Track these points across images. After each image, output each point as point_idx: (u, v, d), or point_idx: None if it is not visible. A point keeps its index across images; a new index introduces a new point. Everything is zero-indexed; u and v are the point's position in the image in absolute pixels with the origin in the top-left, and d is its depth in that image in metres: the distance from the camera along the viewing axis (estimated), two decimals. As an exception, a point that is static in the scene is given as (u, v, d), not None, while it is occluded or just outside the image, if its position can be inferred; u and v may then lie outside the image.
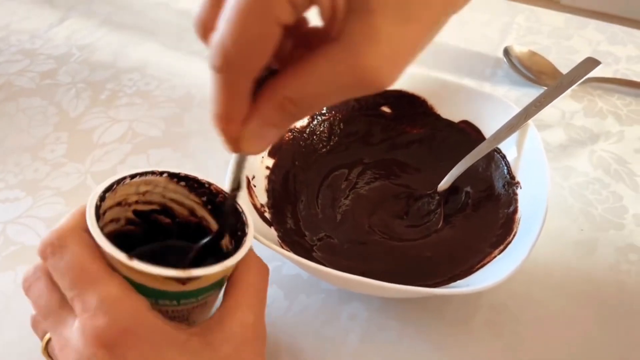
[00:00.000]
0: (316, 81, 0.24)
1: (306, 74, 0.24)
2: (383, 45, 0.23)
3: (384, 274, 0.41)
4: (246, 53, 0.23)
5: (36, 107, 0.58)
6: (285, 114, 0.25)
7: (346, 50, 0.23)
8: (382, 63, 0.23)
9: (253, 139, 0.26)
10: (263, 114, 0.26)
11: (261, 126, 0.26)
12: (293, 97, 0.25)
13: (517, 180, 0.43)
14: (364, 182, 0.48)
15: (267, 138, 0.27)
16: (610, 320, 0.41)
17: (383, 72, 0.23)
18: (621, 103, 0.58)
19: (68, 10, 0.70)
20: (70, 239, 0.29)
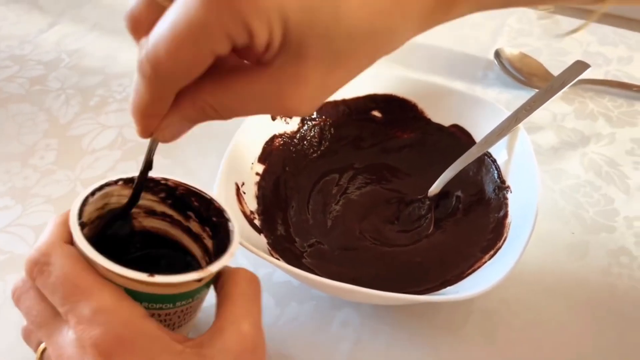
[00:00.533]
0: (240, 99, 0.26)
1: (232, 89, 0.26)
2: (308, 89, 0.25)
3: (375, 280, 0.41)
4: (176, 70, 0.24)
5: (26, 113, 0.57)
6: (204, 115, 0.27)
7: (274, 84, 0.25)
8: (304, 103, 0.26)
9: (167, 130, 0.28)
10: (183, 111, 0.27)
11: (179, 121, 0.27)
12: (215, 105, 0.26)
13: (507, 185, 0.43)
14: (354, 187, 0.48)
15: (181, 130, 0.28)
16: (602, 323, 0.41)
17: (302, 109, 0.26)
18: (612, 105, 0.58)
19: (57, 16, 0.70)
20: (54, 255, 0.29)
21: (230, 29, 0.23)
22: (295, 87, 0.25)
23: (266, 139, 0.47)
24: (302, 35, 0.24)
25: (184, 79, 0.25)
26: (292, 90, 0.25)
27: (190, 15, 0.23)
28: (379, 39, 0.25)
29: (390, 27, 0.25)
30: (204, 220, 0.34)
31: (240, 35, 0.23)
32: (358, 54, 0.25)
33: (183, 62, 0.24)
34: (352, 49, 0.25)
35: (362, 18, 0.24)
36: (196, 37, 0.23)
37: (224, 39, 0.23)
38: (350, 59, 0.25)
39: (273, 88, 0.25)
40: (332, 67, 0.25)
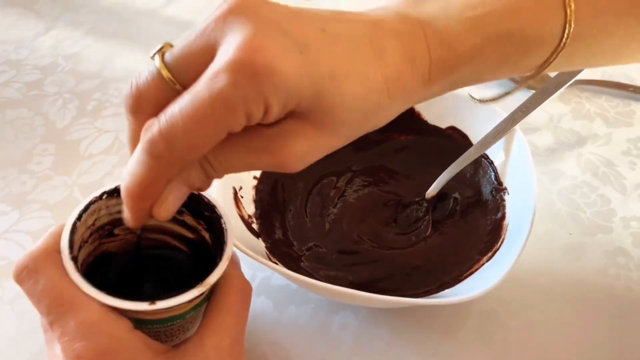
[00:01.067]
0: (240, 155, 0.27)
1: (234, 147, 0.27)
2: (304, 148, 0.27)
3: (373, 283, 0.41)
4: (191, 147, 0.25)
5: (23, 118, 0.57)
6: (204, 175, 0.28)
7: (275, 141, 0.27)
8: (299, 161, 0.28)
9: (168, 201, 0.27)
10: (184, 174, 0.27)
11: (178, 187, 0.27)
12: (215, 164, 0.27)
13: (504, 186, 0.43)
14: (352, 190, 0.48)
15: (178, 201, 0.28)
16: (599, 324, 0.41)
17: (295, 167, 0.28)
18: (608, 105, 0.58)
19: (54, 20, 0.70)
20: (44, 263, 0.29)
21: (251, 107, 0.25)
22: (295, 145, 0.27)
23: (263, 143, 0.47)
24: (309, 109, 0.26)
25: (195, 155, 0.26)
26: (290, 147, 0.27)
27: (214, 91, 0.24)
28: (369, 113, 0.28)
29: (379, 103, 0.28)
30: (197, 215, 0.34)
31: (258, 112, 0.25)
32: (351, 125, 0.28)
33: (200, 137, 0.25)
34: (347, 120, 0.27)
35: (357, 96, 0.27)
36: (219, 113, 0.24)
37: (243, 116, 0.25)
38: (343, 128, 0.28)
39: (273, 143, 0.27)
40: (328, 133, 0.28)
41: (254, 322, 0.41)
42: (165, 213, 0.28)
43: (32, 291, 0.29)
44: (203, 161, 0.27)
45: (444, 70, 0.29)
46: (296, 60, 0.25)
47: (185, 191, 0.28)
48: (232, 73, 0.24)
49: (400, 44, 0.28)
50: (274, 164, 0.27)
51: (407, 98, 0.29)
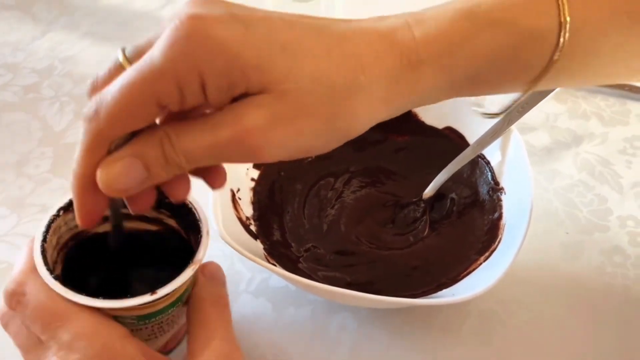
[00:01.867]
0: (202, 133, 0.25)
1: (195, 124, 0.25)
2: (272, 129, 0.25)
3: (371, 283, 0.41)
4: (120, 114, 0.24)
5: (20, 121, 0.57)
6: (160, 151, 0.25)
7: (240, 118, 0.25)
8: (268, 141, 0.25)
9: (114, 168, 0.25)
10: (138, 142, 0.25)
11: (129, 155, 0.25)
12: (173, 138, 0.25)
13: (501, 186, 0.44)
14: (350, 191, 0.48)
15: (130, 173, 0.25)
16: (597, 322, 0.41)
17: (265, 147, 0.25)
18: (604, 104, 0.58)
19: (50, 23, 0.70)
20: (28, 284, 0.29)
21: (183, 76, 0.24)
22: (254, 113, 0.25)
23: (261, 145, 0.47)
24: (262, 84, 0.25)
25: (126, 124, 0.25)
26: (247, 115, 0.25)
27: (146, 59, 0.24)
28: (341, 90, 0.26)
29: (353, 80, 0.26)
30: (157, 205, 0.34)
31: (192, 83, 0.24)
32: (320, 101, 0.26)
33: (131, 105, 0.24)
34: (315, 94, 0.25)
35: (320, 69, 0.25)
36: (149, 80, 0.24)
37: (174, 85, 0.24)
38: (312, 103, 0.25)
39: (229, 114, 0.25)
40: (292, 105, 0.25)
41: (253, 324, 0.41)
42: (111, 178, 0.25)
43: (24, 316, 0.29)
44: (162, 135, 0.25)
45: (434, 52, 0.27)
46: (238, 30, 0.24)
47: (140, 169, 0.25)
48: (164, 41, 0.24)
49: (373, 27, 0.27)
50: (234, 141, 0.25)
51: (390, 80, 0.27)
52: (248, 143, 0.25)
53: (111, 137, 0.25)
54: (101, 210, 0.27)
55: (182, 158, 0.25)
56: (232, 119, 0.25)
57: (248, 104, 0.25)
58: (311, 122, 0.26)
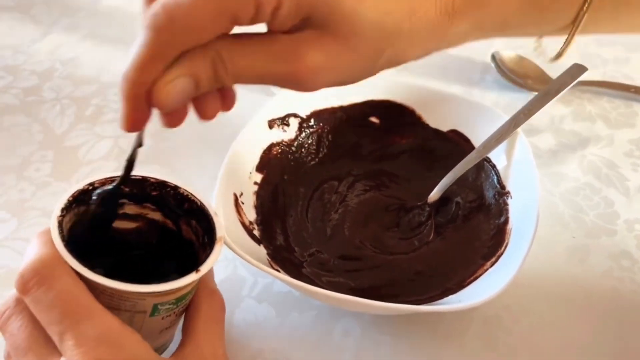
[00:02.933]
0: (253, 56, 0.26)
1: (247, 45, 0.26)
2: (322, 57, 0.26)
3: (376, 289, 0.41)
4: (192, 25, 0.24)
5: (20, 124, 0.57)
6: (212, 71, 0.26)
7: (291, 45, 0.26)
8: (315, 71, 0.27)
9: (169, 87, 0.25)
10: (191, 61, 0.25)
11: (183, 75, 0.25)
12: (226, 59, 0.26)
13: (507, 190, 0.43)
14: (354, 195, 0.48)
15: (183, 91, 0.26)
16: (604, 328, 0.41)
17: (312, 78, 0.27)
18: (610, 106, 0.58)
19: (51, 25, 0.69)
20: (57, 269, 0.28)
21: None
22: (313, 54, 0.26)
23: (264, 148, 0.46)
24: (326, 15, 0.26)
25: (196, 36, 0.25)
26: (307, 55, 0.26)
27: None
28: (388, 34, 0.27)
29: (399, 26, 0.27)
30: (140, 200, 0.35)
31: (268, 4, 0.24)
32: (368, 41, 0.27)
33: (204, 16, 0.24)
34: (365, 32, 0.27)
35: (378, 9, 0.27)
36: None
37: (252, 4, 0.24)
38: (361, 42, 0.27)
39: (289, 49, 0.26)
40: (345, 46, 0.27)
41: (255, 329, 0.41)
42: (167, 97, 0.26)
43: (41, 299, 0.27)
44: (214, 55, 0.26)
45: (468, 3, 0.29)
46: None
47: (191, 85, 0.26)
48: None
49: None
50: (288, 74, 0.26)
51: (430, 31, 0.28)
52: (301, 78, 0.27)
53: (178, 50, 0.25)
54: (147, 118, 0.27)
55: (231, 77, 0.26)
56: (292, 54, 0.26)
57: (309, 42, 0.26)
58: (357, 62, 0.28)
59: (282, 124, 0.48)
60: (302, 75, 0.26)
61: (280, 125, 0.48)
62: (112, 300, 0.29)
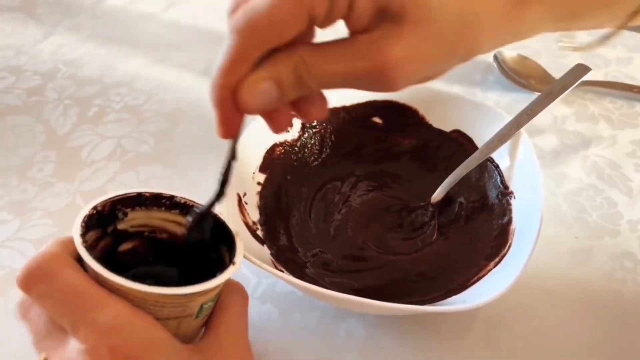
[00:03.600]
0: (337, 59, 0.26)
1: (330, 49, 0.26)
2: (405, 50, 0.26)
3: (379, 289, 0.41)
4: (271, 24, 0.25)
5: (23, 125, 0.57)
6: (295, 76, 0.26)
7: (374, 43, 0.26)
8: (400, 65, 0.26)
9: (253, 88, 0.26)
10: (275, 65, 0.26)
11: (267, 78, 0.26)
12: (310, 64, 0.26)
13: (510, 190, 0.43)
14: (357, 195, 0.48)
15: (265, 94, 0.27)
16: (607, 329, 0.41)
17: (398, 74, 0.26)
18: (613, 106, 0.58)
19: (53, 25, 0.69)
20: (59, 264, 0.28)
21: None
22: (394, 46, 0.26)
23: (267, 148, 0.46)
24: (403, 5, 0.25)
25: (276, 36, 0.25)
26: (389, 48, 0.26)
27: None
28: (465, 23, 0.27)
29: (475, 11, 0.27)
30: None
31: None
32: (447, 29, 0.27)
33: (282, 14, 0.25)
34: (444, 19, 0.26)
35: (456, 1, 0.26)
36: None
37: None
38: (441, 32, 0.27)
39: (371, 45, 0.26)
40: (426, 35, 0.26)
41: (259, 330, 0.41)
42: (250, 98, 0.26)
43: (46, 293, 0.27)
44: (297, 59, 0.26)
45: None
46: None
47: (273, 89, 0.26)
48: None
49: None
50: (372, 71, 0.26)
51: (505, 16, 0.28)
52: (386, 74, 0.26)
53: (259, 50, 0.26)
54: (239, 121, 0.28)
55: (315, 81, 0.27)
56: (373, 50, 0.26)
57: (389, 35, 0.26)
58: (439, 51, 0.27)
59: (285, 124, 0.48)
60: (387, 70, 0.26)
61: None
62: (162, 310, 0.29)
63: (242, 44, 0.26)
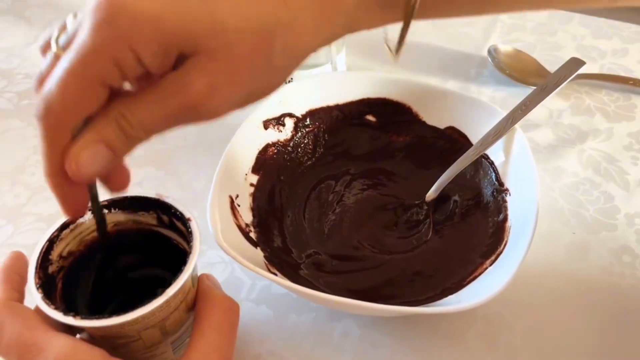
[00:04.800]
0: (152, 103, 0.26)
1: (143, 97, 0.26)
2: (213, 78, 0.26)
3: (374, 289, 0.40)
4: (67, 104, 0.25)
5: (15, 129, 0.57)
6: (120, 131, 0.26)
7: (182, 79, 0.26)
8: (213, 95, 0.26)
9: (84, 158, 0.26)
10: (97, 126, 0.26)
11: (94, 141, 0.26)
12: (128, 115, 0.26)
13: (505, 187, 0.43)
14: (351, 194, 0.47)
15: (97, 156, 0.26)
16: (605, 323, 0.40)
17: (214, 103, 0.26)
18: (608, 99, 0.57)
19: (44, 28, 0.69)
20: (3, 314, 0.28)
21: (116, 52, 0.24)
22: (197, 79, 0.26)
23: (259, 149, 0.46)
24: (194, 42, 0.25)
25: (76, 112, 0.25)
26: (193, 80, 0.26)
27: (77, 44, 0.25)
28: (265, 28, 0.26)
29: (273, 23, 0.27)
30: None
31: (127, 57, 0.25)
32: (247, 44, 0.26)
33: (74, 92, 0.25)
34: (241, 41, 0.26)
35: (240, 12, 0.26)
36: (84, 64, 0.24)
37: (111, 63, 0.25)
38: (241, 50, 0.26)
39: (176, 82, 0.26)
40: (226, 59, 0.26)
41: (254, 332, 0.40)
42: (76, 167, 0.26)
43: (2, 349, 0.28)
44: (117, 116, 0.26)
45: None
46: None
47: (105, 152, 0.26)
48: (89, 23, 0.24)
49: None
50: (186, 106, 0.26)
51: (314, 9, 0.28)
52: (198, 107, 0.26)
53: (67, 127, 0.26)
54: (83, 198, 0.28)
55: (140, 131, 0.26)
56: (177, 88, 0.26)
57: (189, 70, 0.26)
58: (249, 71, 0.27)
59: (278, 124, 0.47)
60: (198, 103, 0.26)
61: (276, 126, 0.47)
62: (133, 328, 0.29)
63: (50, 130, 0.26)
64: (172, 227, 0.34)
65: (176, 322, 0.32)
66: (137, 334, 0.30)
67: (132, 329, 0.29)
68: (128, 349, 0.31)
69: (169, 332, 0.32)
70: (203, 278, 0.33)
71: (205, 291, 0.32)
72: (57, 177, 0.27)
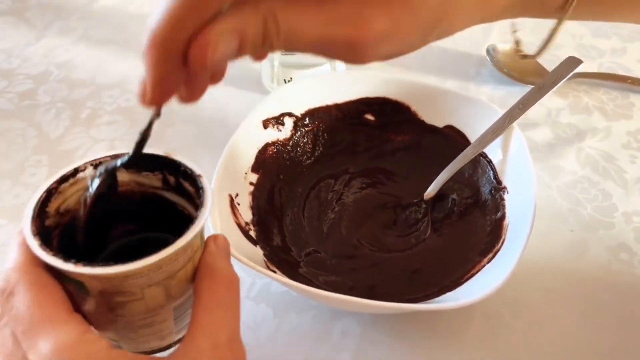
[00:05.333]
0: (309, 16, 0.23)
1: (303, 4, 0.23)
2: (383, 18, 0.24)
3: (373, 287, 0.41)
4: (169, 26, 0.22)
5: (15, 129, 0.57)
6: (260, 28, 0.23)
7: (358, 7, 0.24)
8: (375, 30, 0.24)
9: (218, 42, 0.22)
10: (242, 16, 0.23)
11: (231, 31, 0.22)
12: (279, 17, 0.23)
13: (503, 186, 0.43)
14: (350, 193, 0.47)
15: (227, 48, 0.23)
16: (604, 321, 0.41)
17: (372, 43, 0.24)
18: (607, 98, 0.58)
19: (44, 28, 0.69)
20: (19, 283, 0.26)
21: None
22: (378, 17, 0.24)
23: (259, 148, 0.46)
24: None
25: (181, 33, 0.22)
26: (374, 19, 0.24)
27: None
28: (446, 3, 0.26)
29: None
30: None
31: None
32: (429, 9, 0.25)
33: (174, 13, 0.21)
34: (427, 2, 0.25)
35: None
36: None
37: None
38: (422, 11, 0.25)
39: (355, 11, 0.24)
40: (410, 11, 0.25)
41: (254, 331, 0.40)
42: (212, 54, 0.22)
43: (9, 314, 0.26)
44: (267, 12, 0.23)
45: None
46: None
47: (235, 44, 0.23)
48: None
49: None
50: (350, 40, 0.24)
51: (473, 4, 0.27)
52: (364, 45, 0.24)
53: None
54: (176, 85, 0.24)
55: (281, 42, 0.23)
56: (358, 17, 0.24)
57: (377, 5, 0.24)
58: (417, 30, 0.26)
59: (277, 123, 0.47)
60: (366, 42, 0.24)
61: (275, 125, 0.47)
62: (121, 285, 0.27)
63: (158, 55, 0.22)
64: (179, 189, 0.32)
65: (181, 283, 0.30)
66: (140, 291, 0.28)
67: (136, 284, 0.27)
68: (128, 311, 0.29)
69: (172, 296, 0.30)
70: (210, 242, 0.30)
71: (208, 262, 0.29)
72: (165, 52, 0.22)
